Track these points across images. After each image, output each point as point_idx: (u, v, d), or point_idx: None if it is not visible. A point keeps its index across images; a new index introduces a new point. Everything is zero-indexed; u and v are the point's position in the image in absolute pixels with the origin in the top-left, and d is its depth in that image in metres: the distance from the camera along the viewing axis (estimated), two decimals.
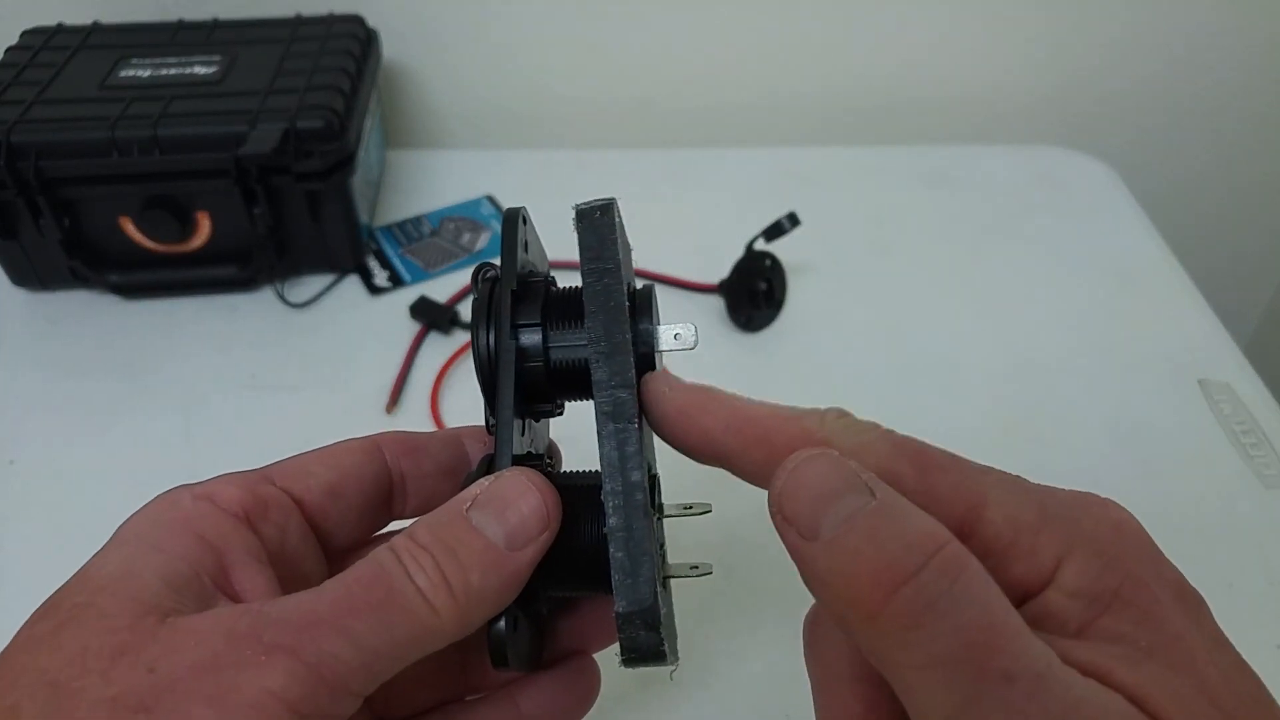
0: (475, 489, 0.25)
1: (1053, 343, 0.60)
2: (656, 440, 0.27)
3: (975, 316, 0.63)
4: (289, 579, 0.25)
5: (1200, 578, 0.48)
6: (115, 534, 0.24)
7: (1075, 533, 0.21)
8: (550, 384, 0.27)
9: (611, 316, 0.26)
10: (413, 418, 0.55)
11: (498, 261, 0.28)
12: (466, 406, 0.55)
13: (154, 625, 0.21)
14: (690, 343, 0.28)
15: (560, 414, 0.29)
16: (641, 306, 0.27)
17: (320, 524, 0.27)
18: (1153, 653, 0.19)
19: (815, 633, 0.25)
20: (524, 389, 0.27)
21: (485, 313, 0.27)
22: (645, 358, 0.27)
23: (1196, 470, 0.52)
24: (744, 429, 0.24)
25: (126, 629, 0.21)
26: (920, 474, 0.23)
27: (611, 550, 0.25)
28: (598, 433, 0.26)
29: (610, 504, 0.25)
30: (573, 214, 0.28)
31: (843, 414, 0.23)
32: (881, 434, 0.24)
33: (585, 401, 0.28)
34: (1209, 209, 0.91)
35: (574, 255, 0.28)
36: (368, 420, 0.53)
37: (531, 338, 0.27)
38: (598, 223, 0.27)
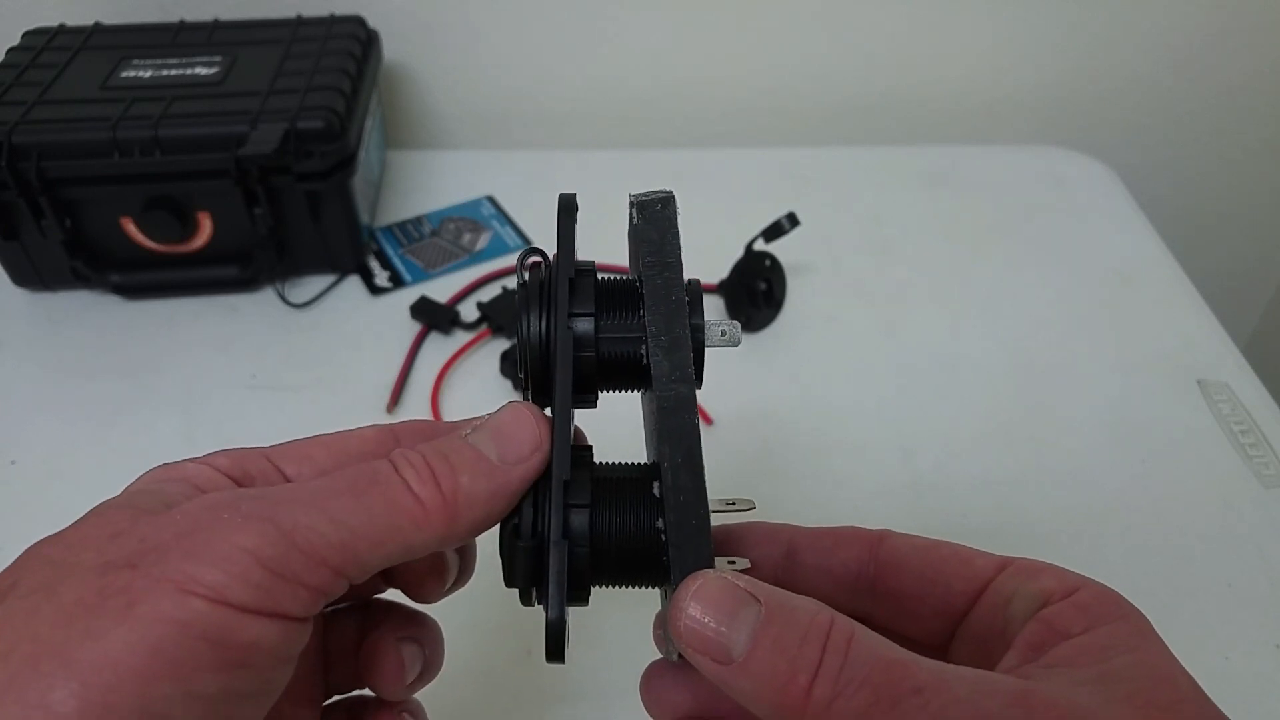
0: (475, 420, 0.26)
1: (1052, 343, 0.61)
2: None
3: (975, 317, 0.63)
4: None
5: (1199, 577, 0.49)
6: None
7: (1094, 582, 0.25)
8: (598, 375, 0.27)
9: (673, 311, 0.26)
10: (413, 417, 0.55)
11: (541, 247, 0.28)
12: (467, 406, 0.55)
13: (152, 517, 0.23)
14: (736, 340, 0.27)
15: (594, 406, 0.29)
16: (694, 301, 0.27)
17: None
18: (1105, 674, 0.22)
19: (655, 684, 0.28)
20: (573, 379, 0.27)
21: (539, 299, 0.27)
22: (696, 353, 0.27)
23: (1195, 470, 0.52)
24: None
25: (127, 520, 0.23)
26: None
27: (670, 547, 0.25)
28: (657, 428, 0.26)
29: (670, 500, 0.25)
30: (630, 204, 0.28)
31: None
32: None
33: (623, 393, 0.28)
34: (1208, 209, 0.91)
35: (582, 256, 0.27)
36: (368, 420, 0.53)
37: (585, 327, 0.27)
38: (659, 215, 0.27)
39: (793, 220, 0.60)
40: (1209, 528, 0.49)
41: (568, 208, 0.28)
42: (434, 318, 0.60)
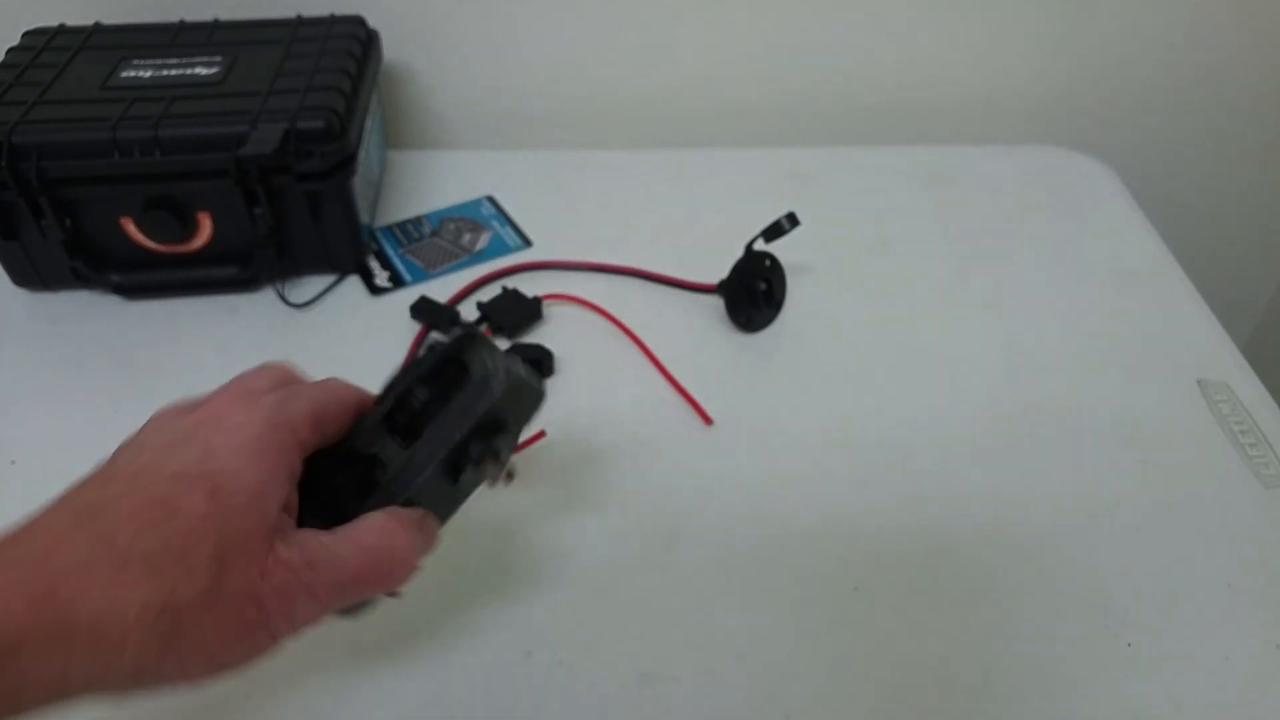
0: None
1: (1052, 343, 0.61)
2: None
3: (974, 317, 0.63)
4: None
5: (1200, 578, 0.49)
6: (245, 433, 0.30)
7: None
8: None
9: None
10: None
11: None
12: None
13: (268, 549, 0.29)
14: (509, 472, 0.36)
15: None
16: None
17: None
18: None
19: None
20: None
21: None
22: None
23: (1195, 470, 0.52)
24: None
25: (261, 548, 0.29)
26: None
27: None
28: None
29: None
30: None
31: None
32: None
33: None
34: (1207, 209, 0.91)
35: (582, 256, 0.28)
36: None
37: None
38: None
39: (793, 220, 0.60)
40: (1209, 528, 0.49)
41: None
42: (434, 318, 0.60)
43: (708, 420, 0.54)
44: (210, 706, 0.41)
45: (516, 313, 0.61)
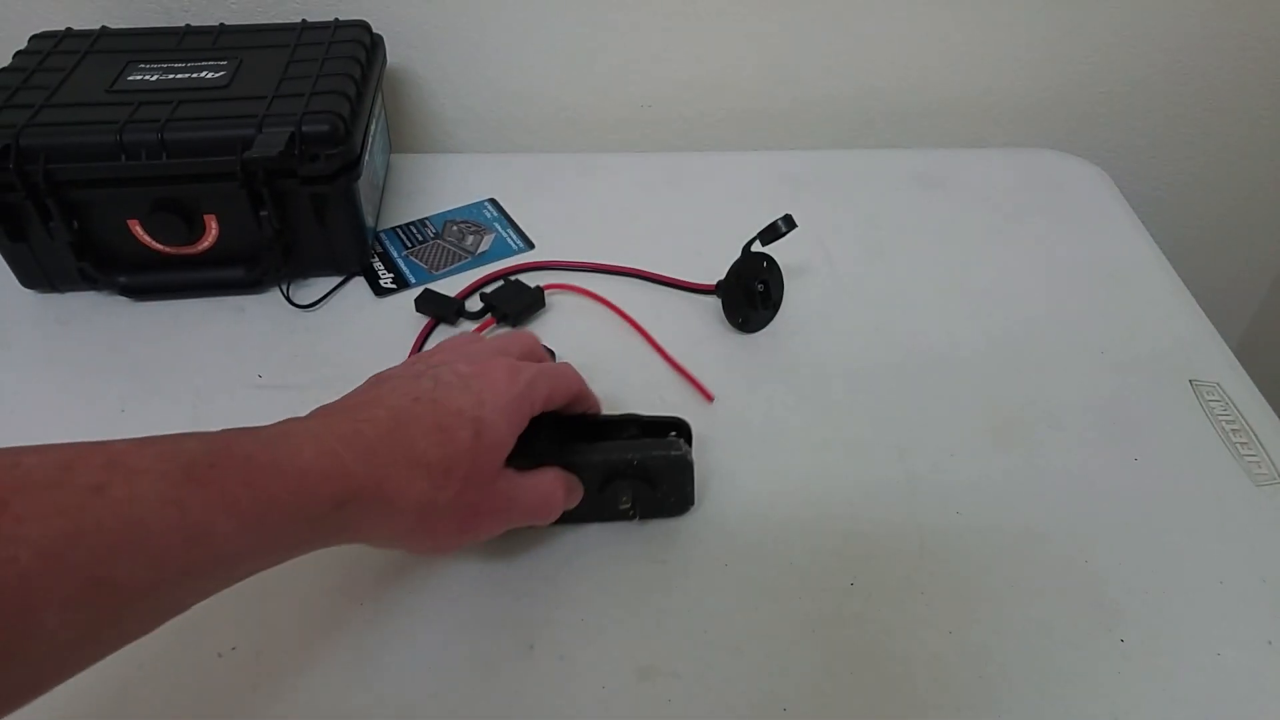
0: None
1: (1045, 343, 0.61)
2: None
3: (969, 318, 0.63)
4: None
5: (1192, 575, 0.50)
6: (506, 396, 0.41)
7: None
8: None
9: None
10: None
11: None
12: None
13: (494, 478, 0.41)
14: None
15: None
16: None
17: None
18: None
19: None
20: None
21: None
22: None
23: (1188, 469, 0.53)
24: None
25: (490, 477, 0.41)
26: None
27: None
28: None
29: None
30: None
31: None
32: None
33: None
34: (1199, 211, 0.92)
35: (583, 257, 0.28)
36: None
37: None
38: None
39: (789, 223, 0.61)
40: (1201, 526, 0.50)
41: None
42: (440, 309, 0.61)
43: (708, 398, 0.56)
44: (217, 699, 0.41)
45: (519, 301, 0.61)
